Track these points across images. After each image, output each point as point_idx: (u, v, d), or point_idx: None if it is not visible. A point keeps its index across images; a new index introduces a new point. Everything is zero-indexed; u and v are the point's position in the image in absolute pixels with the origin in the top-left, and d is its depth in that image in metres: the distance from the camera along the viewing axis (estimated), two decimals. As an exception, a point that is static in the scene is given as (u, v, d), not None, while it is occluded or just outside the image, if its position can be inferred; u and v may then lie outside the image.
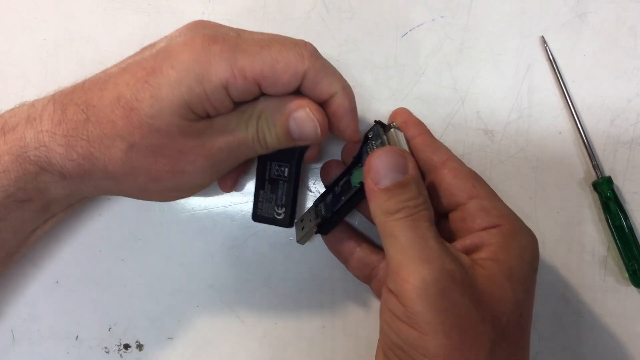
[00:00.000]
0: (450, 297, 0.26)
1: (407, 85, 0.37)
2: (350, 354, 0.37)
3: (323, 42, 0.37)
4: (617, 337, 0.36)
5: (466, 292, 0.27)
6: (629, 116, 0.36)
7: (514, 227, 0.30)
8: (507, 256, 0.28)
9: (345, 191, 0.32)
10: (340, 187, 0.33)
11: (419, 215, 0.28)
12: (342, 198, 0.32)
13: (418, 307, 0.26)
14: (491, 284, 0.28)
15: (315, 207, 0.34)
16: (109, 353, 0.38)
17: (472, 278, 0.27)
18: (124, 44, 0.38)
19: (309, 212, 0.35)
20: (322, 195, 0.35)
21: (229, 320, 0.38)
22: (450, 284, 0.26)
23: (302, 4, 0.38)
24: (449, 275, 0.27)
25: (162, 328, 0.38)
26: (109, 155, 0.29)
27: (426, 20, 0.37)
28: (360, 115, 0.37)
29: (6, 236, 0.32)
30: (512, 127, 0.37)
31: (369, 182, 0.29)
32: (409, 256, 0.27)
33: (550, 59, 0.36)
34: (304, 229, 0.34)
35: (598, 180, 0.36)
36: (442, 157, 0.32)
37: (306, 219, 0.35)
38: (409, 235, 0.28)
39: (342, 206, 0.32)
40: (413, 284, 0.26)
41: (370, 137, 0.32)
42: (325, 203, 0.33)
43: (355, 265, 0.35)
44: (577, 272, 0.37)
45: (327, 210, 0.33)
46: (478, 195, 0.30)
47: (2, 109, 0.38)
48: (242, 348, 0.38)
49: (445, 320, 0.26)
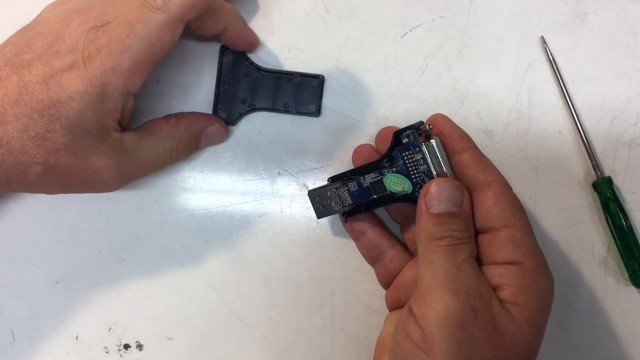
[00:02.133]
0: (469, 331, 0.27)
1: (407, 85, 0.37)
2: (350, 354, 0.37)
3: (323, 42, 0.37)
4: (617, 337, 0.36)
5: (485, 330, 0.27)
6: (629, 116, 0.36)
7: (535, 267, 0.29)
8: (526, 298, 0.28)
9: (377, 190, 0.33)
10: (370, 183, 0.33)
11: (461, 247, 0.29)
12: (373, 196, 0.33)
13: (435, 333, 0.27)
14: (513, 328, 0.28)
15: (335, 188, 0.34)
16: (109, 353, 0.38)
17: (495, 318, 0.28)
18: (124, 44, 0.38)
19: (328, 189, 0.34)
20: (344, 178, 0.34)
21: (229, 320, 0.38)
22: (471, 319, 0.27)
23: (302, 4, 0.38)
24: (472, 310, 0.27)
25: (162, 328, 0.38)
26: (24, 178, 0.30)
27: (426, 20, 0.37)
28: (360, 116, 0.37)
29: None
30: (512, 127, 0.37)
31: (422, 204, 0.30)
32: (439, 283, 0.28)
33: (550, 59, 0.36)
34: (324, 208, 0.34)
35: (598, 181, 0.36)
36: (490, 178, 0.31)
37: (323, 196, 0.34)
38: (445, 263, 0.28)
39: (372, 202, 0.33)
40: (436, 311, 0.27)
41: (405, 143, 0.32)
42: (350, 191, 0.34)
43: (365, 244, 0.35)
44: (577, 272, 0.37)
45: (354, 199, 0.34)
46: (513, 225, 0.30)
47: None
48: (242, 348, 0.38)
49: (459, 352, 0.27)
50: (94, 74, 0.29)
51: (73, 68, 0.29)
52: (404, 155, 0.32)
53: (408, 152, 0.32)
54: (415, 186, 0.32)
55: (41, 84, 0.29)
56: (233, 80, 0.37)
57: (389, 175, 0.32)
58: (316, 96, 0.37)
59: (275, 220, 0.38)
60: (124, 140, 0.32)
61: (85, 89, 0.29)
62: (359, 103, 0.37)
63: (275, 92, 0.37)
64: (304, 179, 0.38)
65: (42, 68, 0.29)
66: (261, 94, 0.37)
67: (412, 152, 0.32)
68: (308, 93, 0.37)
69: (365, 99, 0.37)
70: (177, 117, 0.35)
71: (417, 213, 0.30)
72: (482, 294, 0.28)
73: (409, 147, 0.32)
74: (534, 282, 0.29)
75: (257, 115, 0.38)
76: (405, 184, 0.32)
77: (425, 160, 0.31)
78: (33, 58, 0.30)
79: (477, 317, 0.27)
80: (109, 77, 0.29)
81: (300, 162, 0.38)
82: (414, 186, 0.32)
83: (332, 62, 0.37)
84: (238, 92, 0.37)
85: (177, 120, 0.35)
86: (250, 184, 0.38)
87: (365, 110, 0.37)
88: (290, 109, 0.37)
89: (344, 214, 0.34)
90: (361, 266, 0.37)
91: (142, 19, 0.29)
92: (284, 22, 0.38)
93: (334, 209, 0.34)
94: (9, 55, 0.30)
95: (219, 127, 0.36)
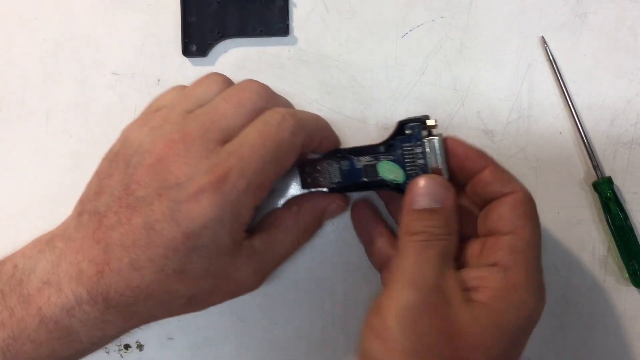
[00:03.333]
0: (425, 327, 0.27)
1: (407, 85, 0.37)
2: (350, 354, 0.37)
3: (323, 42, 0.37)
4: (617, 337, 0.36)
5: (441, 328, 0.27)
6: (629, 116, 0.36)
7: (524, 277, 0.28)
8: (500, 305, 0.28)
9: (369, 173, 0.33)
10: (364, 165, 0.33)
11: (434, 244, 0.29)
12: (364, 179, 0.33)
13: (393, 325, 0.27)
14: (473, 329, 0.27)
15: (327, 164, 0.34)
16: (109, 353, 0.38)
17: (454, 317, 0.27)
18: (124, 44, 0.38)
19: (319, 163, 0.34)
20: (337, 155, 0.34)
21: (229, 320, 0.38)
22: (428, 315, 0.27)
23: (302, 4, 0.38)
24: (431, 306, 0.27)
25: (162, 328, 0.38)
26: (169, 312, 0.30)
27: (426, 20, 0.37)
28: (360, 116, 0.37)
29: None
30: (512, 127, 0.37)
31: (406, 199, 0.30)
32: (404, 277, 0.28)
33: (550, 59, 0.36)
34: (311, 181, 0.35)
35: (598, 181, 0.36)
36: (514, 188, 0.30)
37: (313, 168, 0.34)
38: (414, 258, 0.29)
39: (360, 185, 0.33)
40: (396, 303, 0.28)
41: (407, 134, 0.32)
42: (341, 169, 0.34)
43: (373, 251, 0.35)
44: (577, 272, 0.37)
45: (344, 178, 0.34)
46: (519, 234, 0.29)
47: (3, 109, 0.38)
48: (242, 348, 0.38)
49: (413, 346, 0.27)
50: (227, 198, 0.28)
51: (201, 196, 0.27)
52: (404, 146, 0.32)
53: (409, 143, 0.32)
54: (408, 177, 0.32)
55: (170, 222, 0.27)
56: (198, 10, 0.37)
57: (384, 162, 0.32)
58: (284, 15, 0.37)
59: (275, 220, 0.38)
60: (255, 245, 0.32)
61: (218, 214, 0.28)
62: (359, 103, 0.37)
63: (242, 17, 0.37)
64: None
65: (165, 204, 0.27)
66: (228, 20, 0.37)
67: (413, 145, 0.31)
68: (275, 13, 0.37)
69: (365, 99, 0.37)
70: (299, 204, 0.34)
71: (402, 206, 0.31)
72: (446, 292, 0.28)
73: (411, 139, 0.31)
74: (515, 292, 0.28)
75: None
76: (398, 174, 0.32)
77: (424, 154, 0.31)
78: (149, 194, 0.28)
79: (435, 314, 0.27)
80: (242, 198, 0.28)
81: (300, 162, 0.38)
82: (407, 177, 0.32)
83: (332, 62, 0.37)
84: (205, 21, 0.37)
85: (299, 207, 0.34)
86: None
87: (365, 110, 0.37)
88: (258, 31, 0.37)
89: (329, 190, 0.34)
90: (361, 266, 0.37)
91: (275, 139, 0.29)
92: (284, 22, 0.38)
93: (321, 183, 0.34)
94: (117, 194, 0.28)
95: (340, 203, 0.35)
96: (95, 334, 0.29)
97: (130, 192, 0.28)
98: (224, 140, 0.29)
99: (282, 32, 0.37)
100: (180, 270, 0.28)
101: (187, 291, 0.29)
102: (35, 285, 0.28)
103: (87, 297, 0.28)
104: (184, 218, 0.27)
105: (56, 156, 0.38)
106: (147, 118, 0.31)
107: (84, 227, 0.29)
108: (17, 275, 0.29)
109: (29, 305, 0.28)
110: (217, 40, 0.37)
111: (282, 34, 0.37)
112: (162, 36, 0.38)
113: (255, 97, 0.31)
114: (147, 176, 0.28)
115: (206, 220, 0.27)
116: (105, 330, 0.29)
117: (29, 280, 0.29)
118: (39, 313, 0.28)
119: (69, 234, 0.29)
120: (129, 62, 0.38)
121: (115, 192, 0.28)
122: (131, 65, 0.38)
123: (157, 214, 0.27)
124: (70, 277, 0.28)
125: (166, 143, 0.28)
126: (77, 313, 0.28)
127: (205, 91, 0.32)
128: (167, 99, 0.34)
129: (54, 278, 0.28)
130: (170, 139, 0.29)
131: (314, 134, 0.32)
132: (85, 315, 0.28)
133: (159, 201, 0.27)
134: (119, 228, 0.28)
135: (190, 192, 0.27)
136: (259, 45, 0.38)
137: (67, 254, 0.29)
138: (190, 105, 0.31)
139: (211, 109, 0.30)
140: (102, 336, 0.29)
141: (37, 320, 0.28)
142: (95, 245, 0.28)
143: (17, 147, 0.38)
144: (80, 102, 0.38)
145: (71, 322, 0.28)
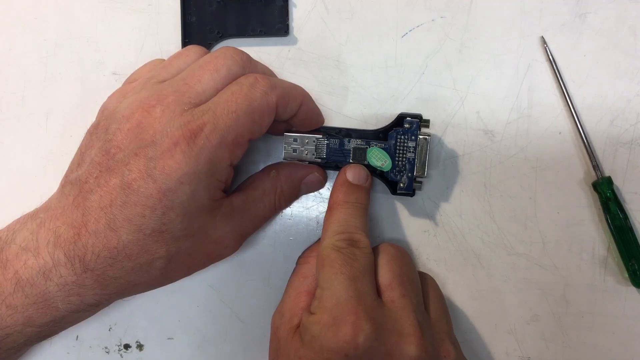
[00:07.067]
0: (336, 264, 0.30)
1: (407, 85, 0.37)
2: (350, 354, 0.37)
3: (323, 42, 0.37)
4: (617, 337, 0.36)
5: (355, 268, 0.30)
6: (629, 116, 0.36)
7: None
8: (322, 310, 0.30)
9: (356, 156, 0.35)
10: (353, 147, 0.35)
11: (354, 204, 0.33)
12: (350, 160, 0.35)
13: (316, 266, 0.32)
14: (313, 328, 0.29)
15: (316, 138, 0.35)
16: (109, 353, 0.38)
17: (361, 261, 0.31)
18: (124, 44, 0.38)
19: (308, 137, 0.35)
20: (329, 134, 0.35)
21: (229, 320, 0.38)
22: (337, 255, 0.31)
23: (302, 4, 0.38)
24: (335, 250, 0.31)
25: (162, 328, 0.38)
26: (148, 276, 0.30)
27: (426, 20, 0.37)
28: (360, 116, 0.37)
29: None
30: (512, 127, 0.37)
31: (342, 174, 0.34)
32: (328, 221, 0.33)
33: (550, 59, 0.36)
34: (295, 152, 0.35)
35: (598, 181, 0.36)
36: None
37: (301, 140, 0.35)
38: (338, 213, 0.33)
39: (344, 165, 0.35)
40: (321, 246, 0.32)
41: (405, 128, 0.34)
42: (329, 146, 0.35)
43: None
44: (577, 272, 0.37)
45: (329, 156, 0.35)
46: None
47: (3, 109, 0.39)
48: (242, 348, 0.38)
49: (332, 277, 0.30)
50: (201, 152, 0.28)
51: (174, 150, 0.28)
52: (399, 137, 0.34)
53: (405, 136, 0.34)
54: (394, 168, 0.34)
55: (146, 179, 0.27)
56: (198, 10, 0.37)
57: (375, 148, 0.34)
58: (283, 15, 0.37)
59: (275, 220, 0.38)
60: (233, 203, 0.32)
61: (193, 169, 0.28)
62: (359, 103, 0.37)
63: (242, 17, 0.37)
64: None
65: (141, 162, 0.28)
66: (228, 20, 0.37)
67: (407, 139, 0.34)
68: (275, 13, 0.37)
69: (365, 99, 0.37)
70: (277, 169, 0.35)
71: (338, 176, 0.35)
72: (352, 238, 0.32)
73: (407, 133, 0.34)
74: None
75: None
76: (386, 162, 0.34)
77: (415, 149, 0.34)
78: (126, 155, 0.28)
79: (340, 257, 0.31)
80: (216, 152, 0.29)
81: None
82: (393, 167, 0.34)
83: (332, 62, 0.37)
84: (205, 21, 0.37)
85: (277, 172, 0.35)
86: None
87: (365, 110, 0.37)
88: (258, 31, 0.37)
89: (310, 162, 0.35)
90: (361, 266, 0.37)
91: (248, 98, 0.29)
92: (284, 22, 0.38)
93: (305, 156, 0.35)
94: (98, 159, 0.29)
95: (317, 175, 0.36)
96: (72, 300, 0.29)
97: (111, 156, 0.28)
98: (199, 104, 0.30)
99: (282, 32, 0.37)
100: (158, 230, 0.28)
101: (166, 251, 0.29)
102: (14, 251, 0.29)
103: (64, 259, 0.28)
104: (160, 174, 0.27)
105: (56, 156, 0.38)
106: (125, 89, 0.32)
107: (65, 196, 0.29)
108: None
109: (6, 270, 0.28)
110: (217, 40, 0.37)
111: (282, 34, 0.37)
112: (162, 36, 0.38)
113: (230, 63, 0.31)
114: (126, 139, 0.28)
115: (181, 175, 0.28)
116: (82, 297, 0.29)
117: (9, 248, 0.29)
118: (15, 276, 0.28)
119: (51, 204, 0.30)
120: (129, 62, 0.38)
121: (95, 159, 0.29)
122: (131, 65, 0.38)
123: (133, 172, 0.28)
124: (48, 242, 0.28)
125: (144, 108, 0.29)
126: (53, 276, 0.28)
127: (184, 61, 0.33)
128: (145, 70, 0.34)
129: (32, 244, 0.29)
130: (147, 104, 0.29)
131: (289, 96, 0.32)
132: (61, 279, 0.28)
133: (135, 160, 0.28)
134: (97, 191, 0.28)
135: (165, 148, 0.28)
136: (259, 45, 0.38)
137: (46, 221, 0.29)
138: (168, 75, 0.32)
139: (187, 74, 0.31)
140: (80, 303, 0.29)
141: (14, 283, 0.28)
142: (75, 210, 0.28)
143: (17, 147, 0.38)
144: (80, 102, 0.38)
145: (47, 285, 0.28)
